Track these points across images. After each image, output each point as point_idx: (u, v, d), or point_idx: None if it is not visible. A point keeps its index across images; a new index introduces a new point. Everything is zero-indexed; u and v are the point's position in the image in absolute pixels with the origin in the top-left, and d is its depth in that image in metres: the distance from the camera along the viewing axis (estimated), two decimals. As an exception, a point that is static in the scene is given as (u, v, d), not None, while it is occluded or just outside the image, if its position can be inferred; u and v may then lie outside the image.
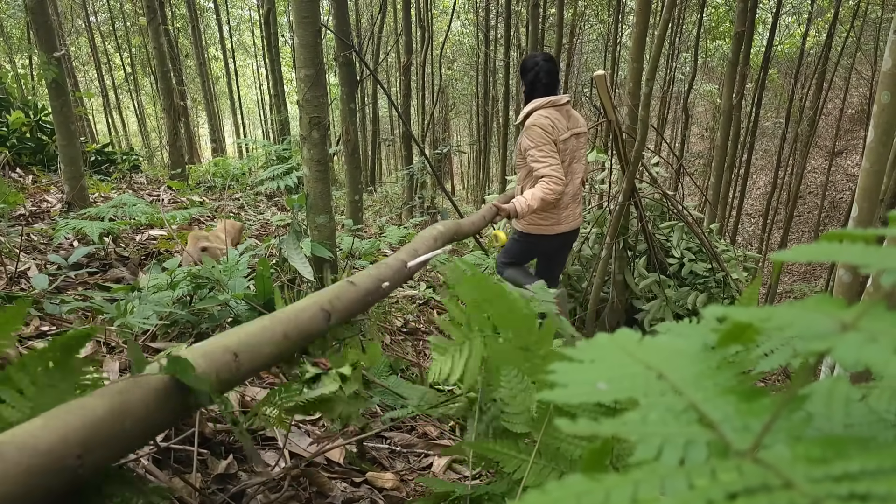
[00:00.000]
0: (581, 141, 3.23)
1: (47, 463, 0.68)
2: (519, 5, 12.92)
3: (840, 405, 0.54)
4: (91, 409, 0.76)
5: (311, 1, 2.52)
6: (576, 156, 3.22)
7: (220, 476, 1.38)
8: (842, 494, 0.29)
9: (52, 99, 3.67)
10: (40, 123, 5.83)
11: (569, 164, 3.18)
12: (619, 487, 0.32)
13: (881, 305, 0.37)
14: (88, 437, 0.74)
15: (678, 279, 4.33)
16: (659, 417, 0.39)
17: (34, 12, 3.48)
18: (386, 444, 1.84)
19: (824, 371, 2.26)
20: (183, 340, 2.14)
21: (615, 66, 13.18)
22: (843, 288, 2.22)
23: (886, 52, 2.08)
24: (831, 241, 0.42)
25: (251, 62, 25.51)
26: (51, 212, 3.96)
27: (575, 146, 3.19)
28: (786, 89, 15.94)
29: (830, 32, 11.00)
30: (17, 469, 0.64)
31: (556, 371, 0.43)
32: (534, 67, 3.15)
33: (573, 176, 3.23)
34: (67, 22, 16.82)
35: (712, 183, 8.77)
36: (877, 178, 2.15)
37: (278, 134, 8.56)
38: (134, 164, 7.35)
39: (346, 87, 4.24)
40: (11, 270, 2.59)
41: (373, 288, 1.58)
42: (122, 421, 0.79)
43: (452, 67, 19.44)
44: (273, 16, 8.13)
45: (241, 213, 5.45)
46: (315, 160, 2.64)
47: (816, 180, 18.13)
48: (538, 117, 3.05)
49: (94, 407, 0.77)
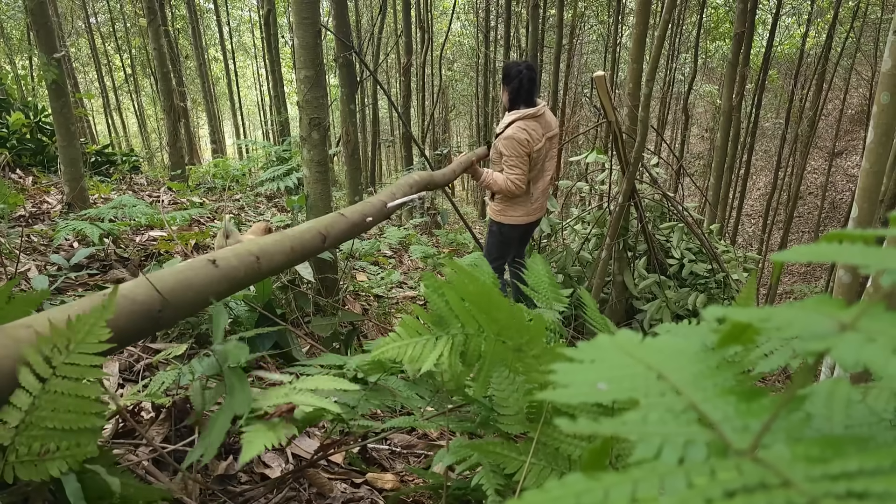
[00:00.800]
0: (553, 142, 3.59)
1: (141, 310, 1.08)
2: (519, 6, 12.93)
3: (840, 406, 0.54)
4: (164, 281, 1.15)
5: (311, 2, 2.52)
6: (548, 155, 3.59)
7: (221, 477, 1.39)
8: (839, 493, 0.29)
9: (53, 100, 3.67)
10: (40, 125, 5.83)
11: (541, 164, 3.55)
12: (619, 486, 0.32)
13: (880, 306, 0.37)
14: (164, 297, 1.13)
15: (678, 280, 4.33)
16: (659, 417, 0.39)
17: (34, 13, 3.48)
18: (386, 445, 1.84)
19: (824, 371, 2.26)
20: (183, 341, 2.14)
21: (615, 66, 13.19)
22: (842, 288, 2.22)
23: (886, 52, 2.09)
24: (831, 241, 0.42)
25: (251, 63, 25.53)
26: (51, 213, 3.97)
27: (548, 147, 3.55)
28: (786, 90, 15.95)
29: (830, 33, 11.01)
30: (124, 311, 1.05)
31: (556, 371, 0.44)
32: (518, 76, 3.43)
33: (544, 174, 3.61)
34: (67, 23, 16.83)
35: (712, 184, 8.78)
36: (876, 178, 2.15)
37: (278, 135, 8.56)
38: (134, 166, 7.35)
39: (346, 88, 4.24)
40: (11, 271, 2.59)
41: (359, 221, 1.93)
42: (186, 291, 1.19)
43: (452, 68, 19.45)
44: (273, 17, 8.14)
45: (242, 214, 5.45)
46: (315, 161, 2.64)
47: (816, 181, 18.14)
48: (517, 130, 3.37)
49: (166, 279, 1.16)
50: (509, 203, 3.57)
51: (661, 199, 4.62)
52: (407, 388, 1.38)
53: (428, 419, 1.28)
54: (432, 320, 1.12)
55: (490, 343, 1.06)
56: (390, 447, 1.84)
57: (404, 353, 1.08)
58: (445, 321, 1.11)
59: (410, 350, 1.09)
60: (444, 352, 1.06)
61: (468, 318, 1.07)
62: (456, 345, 1.07)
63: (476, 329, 1.07)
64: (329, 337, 2.47)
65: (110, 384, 1.69)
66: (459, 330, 1.09)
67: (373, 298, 3.73)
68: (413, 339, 1.11)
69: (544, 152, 3.51)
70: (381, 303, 3.70)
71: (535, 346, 1.02)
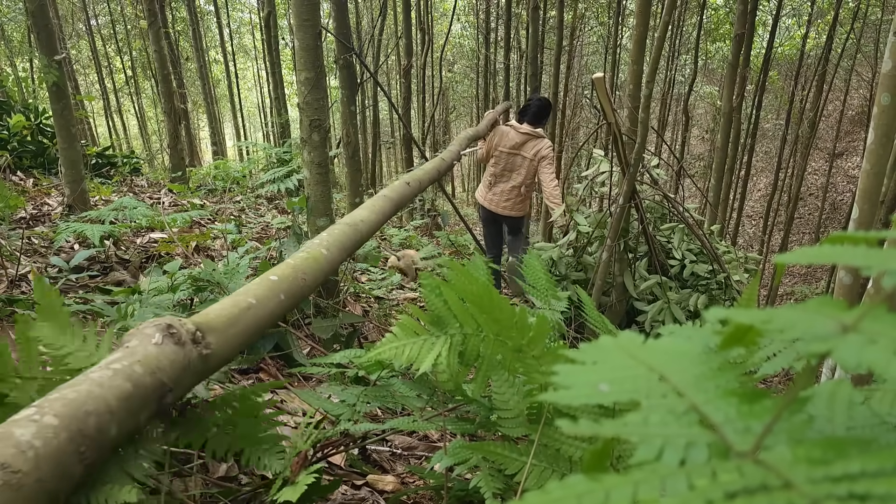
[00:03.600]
0: (516, 160, 4.57)
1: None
2: (519, 7, 12.93)
3: (842, 408, 0.54)
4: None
5: (312, 4, 2.52)
6: (513, 167, 4.59)
7: (221, 479, 1.38)
8: (841, 495, 0.29)
9: (53, 102, 3.67)
10: (41, 127, 5.84)
11: (503, 167, 4.61)
12: (620, 487, 0.32)
13: (882, 308, 0.37)
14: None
15: (679, 281, 4.33)
16: (660, 419, 0.39)
17: (35, 16, 3.49)
18: (387, 447, 1.84)
19: (825, 373, 2.26)
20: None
21: (615, 68, 13.18)
22: (843, 290, 2.22)
23: (886, 53, 2.09)
24: (833, 243, 0.42)
25: (252, 65, 25.54)
26: (51, 215, 3.97)
27: (508, 160, 4.59)
28: (786, 91, 15.95)
29: (830, 34, 11.01)
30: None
31: (558, 373, 0.44)
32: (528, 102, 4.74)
33: (509, 180, 4.63)
34: (68, 25, 16.85)
35: (713, 185, 8.77)
36: (877, 179, 2.15)
37: (279, 136, 8.56)
38: (134, 167, 7.36)
39: (346, 90, 4.25)
40: (12, 274, 2.59)
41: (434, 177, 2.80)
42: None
43: (453, 70, 19.46)
44: (273, 19, 8.15)
45: (242, 216, 5.45)
46: (315, 163, 2.64)
47: (817, 182, 18.13)
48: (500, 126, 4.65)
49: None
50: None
51: (662, 200, 4.62)
52: (407, 389, 1.38)
53: (427, 420, 1.28)
54: (430, 320, 1.12)
55: (489, 343, 1.06)
56: (391, 449, 1.84)
57: (402, 354, 1.08)
58: (443, 321, 1.11)
59: (408, 350, 1.08)
60: (443, 352, 1.05)
61: (467, 318, 1.06)
62: (454, 345, 1.07)
63: (475, 329, 1.07)
64: (330, 339, 2.47)
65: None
66: (458, 330, 1.08)
67: (373, 300, 3.73)
68: (410, 339, 1.11)
69: (504, 159, 4.58)
70: (381, 304, 3.70)
71: (536, 347, 1.02)
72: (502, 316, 1.02)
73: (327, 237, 1.61)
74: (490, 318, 1.03)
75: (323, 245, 1.55)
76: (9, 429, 0.72)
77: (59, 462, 0.74)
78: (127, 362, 0.90)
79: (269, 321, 1.22)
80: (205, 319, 1.09)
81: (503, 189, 4.65)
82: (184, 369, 0.98)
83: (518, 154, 4.54)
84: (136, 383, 0.88)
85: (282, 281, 1.29)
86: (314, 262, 1.44)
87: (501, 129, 4.59)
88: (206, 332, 1.05)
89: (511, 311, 1.01)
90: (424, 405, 1.34)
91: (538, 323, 1.01)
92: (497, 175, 4.65)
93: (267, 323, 1.21)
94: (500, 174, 4.63)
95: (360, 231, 1.82)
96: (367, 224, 1.90)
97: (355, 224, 1.81)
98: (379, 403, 1.35)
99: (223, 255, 3.26)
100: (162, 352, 0.95)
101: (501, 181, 4.64)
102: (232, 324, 1.12)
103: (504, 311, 1.01)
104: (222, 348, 1.08)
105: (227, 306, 1.15)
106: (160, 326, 0.98)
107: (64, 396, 0.80)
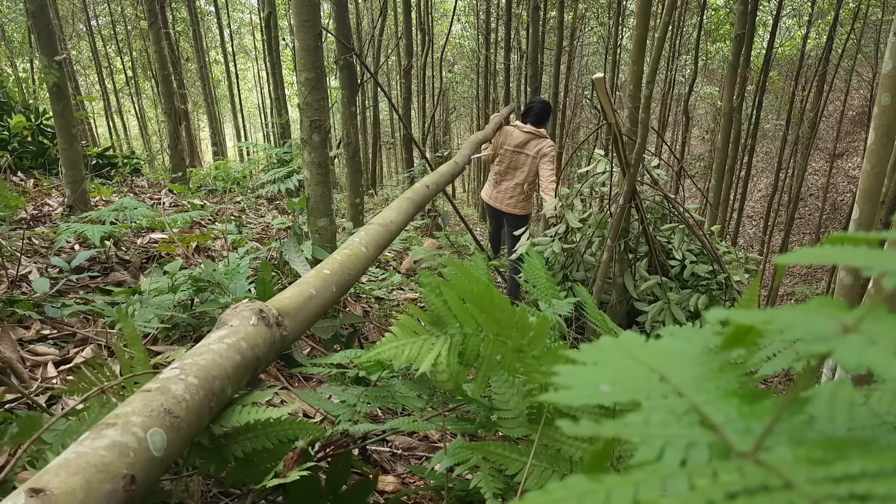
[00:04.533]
0: (519, 158, 4.75)
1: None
2: (519, 8, 12.94)
3: (843, 408, 0.54)
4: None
5: (312, 4, 2.52)
6: (516, 165, 4.78)
7: (221, 479, 1.38)
8: (841, 495, 0.29)
9: (54, 103, 3.67)
10: (41, 127, 5.84)
11: (508, 165, 4.79)
12: (621, 488, 0.32)
13: (883, 308, 0.37)
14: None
15: (680, 281, 4.33)
16: (661, 419, 0.39)
17: (35, 16, 3.49)
18: (387, 448, 1.84)
19: (825, 373, 2.25)
20: (184, 344, 2.14)
21: (616, 68, 13.18)
22: (844, 290, 2.22)
23: (886, 54, 2.09)
24: (833, 244, 0.42)
25: (252, 65, 25.55)
26: (52, 215, 3.97)
27: (512, 157, 4.77)
28: (786, 91, 15.94)
29: (831, 35, 11.00)
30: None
31: (559, 373, 0.44)
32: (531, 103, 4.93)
33: (513, 178, 4.81)
34: (68, 26, 16.86)
35: (713, 185, 8.76)
36: (877, 180, 2.15)
37: (279, 137, 8.56)
38: (135, 168, 7.36)
39: (346, 91, 4.25)
40: (13, 274, 2.60)
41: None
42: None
43: (453, 70, 19.46)
44: (274, 19, 8.15)
45: (242, 216, 5.45)
46: (316, 163, 2.64)
47: (817, 182, 18.12)
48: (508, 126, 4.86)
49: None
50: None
51: (662, 200, 4.62)
52: (407, 389, 1.38)
53: (427, 420, 1.28)
54: (430, 320, 1.12)
55: (489, 343, 1.06)
56: (391, 449, 1.83)
57: (401, 354, 1.08)
58: (443, 321, 1.10)
59: (408, 350, 1.08)
60: (443, 352, 1.05)
61: (466, 318, 1.06)
62: (454, 344, 1.07)
63: (475, 328, 1.07)
64: (330, 339, 2.47)
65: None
66: (458, 330, 1.08)
67: (374, 300, 3.73)
68: (410, 339, 1.11)
69: (508, 157, 4.77)
70: (381, 305, 3.70)
71: (537, 347, 1.02)
72: (502, 316, 1.02)
73: (365, 236, 1.89)
74: (490, 317, 1.03)
75: (363, 243, 1.80)
76: (167, 384, 0.97)
77: (199, 413, 0.98)
78: (234, 339, 1.14)
79: (324, 309, 1.45)
80: (281, 305, 1.34)
81: (507, 186, 4.86)
82: (270, 346, 1.23)
83: (521, 152, 4.75)
84: (243, 356, 1.13)
85: (333, 274, 1.55)
86: (356, 259, 1.71)
87: (506, 128, 4.81)
88: (284, 316, 1.30)
89: (511, 311, 1.01)
90: (424, 405, 1.34)
91: (538, 323, 1.01)
92: (501, 173, 4.85)
93: (322, 311, 1.44)
94: (504, 172, 4.83)
95: (391, 230, 2.11)
96: (395, 224, 2.20)
97: (386, 224, 2.10)
98: (379, 404, 1.35)
99: (223, 256, 3.26)
100: (257, 331, 1.21)
101: (506, 179, 4.85)
102: (300, 310, 1.37)
103: (504, 311, 1.01)
104: (294, 331, 1.33)
105: (295, 295, 1.40)
106: (254, 310, 1.24)
107: (196, 363, 1.04)
